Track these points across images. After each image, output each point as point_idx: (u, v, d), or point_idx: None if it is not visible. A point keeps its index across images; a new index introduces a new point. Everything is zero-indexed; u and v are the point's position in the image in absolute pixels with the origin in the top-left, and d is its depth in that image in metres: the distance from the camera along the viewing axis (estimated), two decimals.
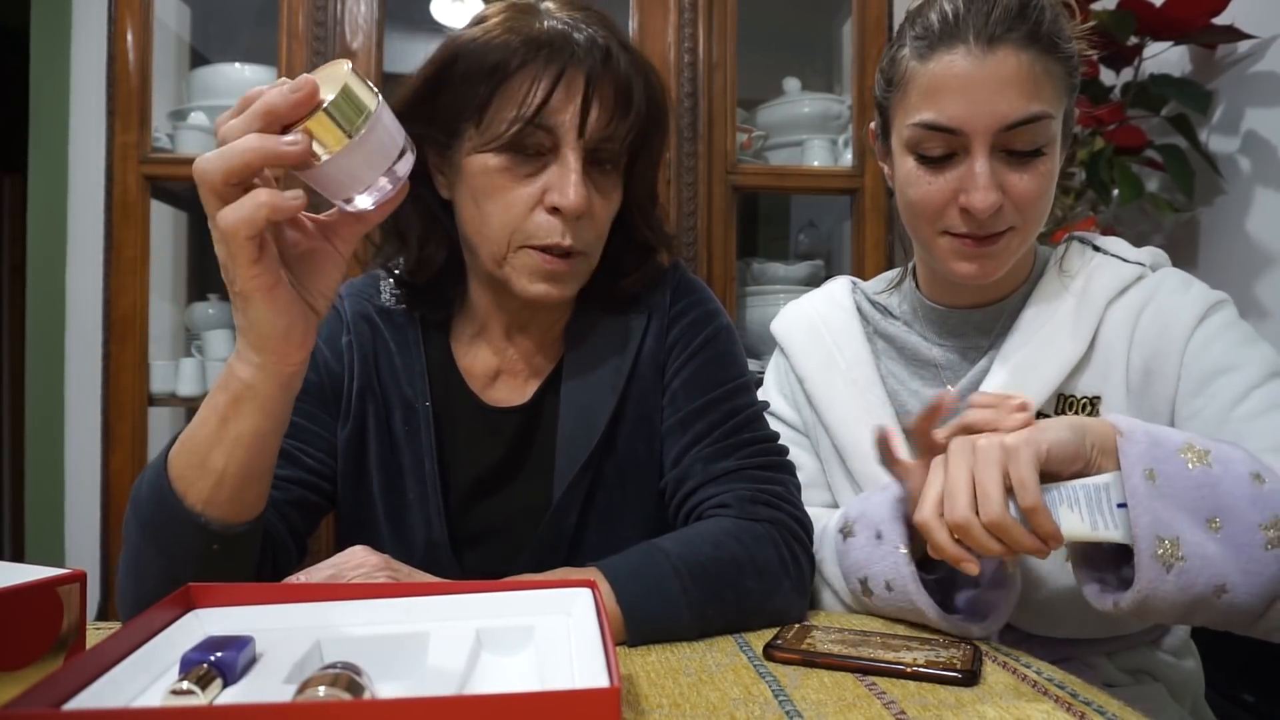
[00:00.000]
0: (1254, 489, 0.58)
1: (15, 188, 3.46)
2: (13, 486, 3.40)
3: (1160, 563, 0.56)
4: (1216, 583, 0.57)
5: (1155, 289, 0.80)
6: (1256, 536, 0.57)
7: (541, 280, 0.74)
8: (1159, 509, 0.57)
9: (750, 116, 1.97)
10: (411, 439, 0.79)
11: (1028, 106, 0.73)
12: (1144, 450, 0.59)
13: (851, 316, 0.93)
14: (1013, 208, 0.76)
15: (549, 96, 0.70)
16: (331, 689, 0.39)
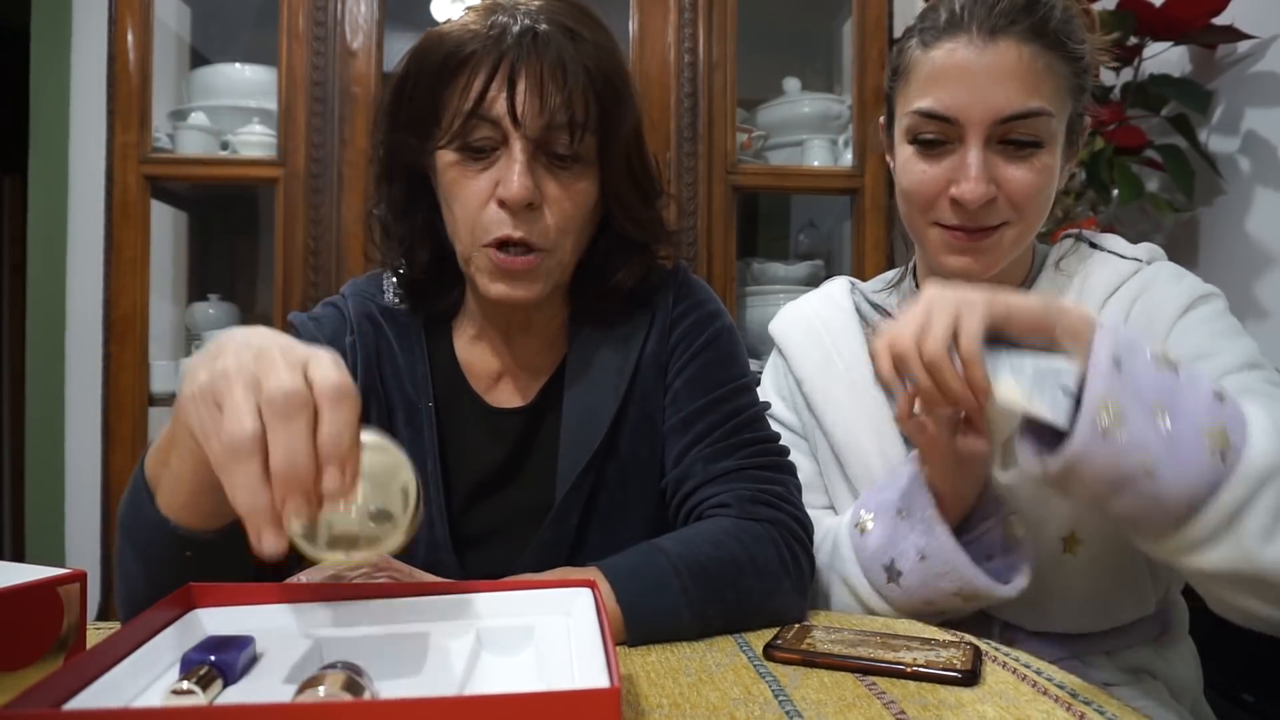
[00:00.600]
0: (1212, 403, 0.59)
1: (15, 188, 3.46)
2: (13, 486, 3.40)
3: (1098, 427, 0.57)
4: (1146, 462, 0.57)
5: (1148, 281, 0.80)
6: (1200, 439, 0.57)
7: (499, 280, 0.73)
8: (1113, 385, 0.57)
9: (750, 116, 1.97)
10: (414, 439, 0.79)
11: (1025, 101, 0.73)
12: (1118, 341, 0.59)
13: (850, 316, 0.93)
14: (1006, 202, 0.76)
15: (485, 89, 0.70)
16: (332, 689, 0.39)
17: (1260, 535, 0.57)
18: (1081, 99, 0.79)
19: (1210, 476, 0.57)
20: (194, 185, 1.96)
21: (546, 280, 0.75)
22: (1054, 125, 0.75)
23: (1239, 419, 0.59)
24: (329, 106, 1.74)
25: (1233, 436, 0.58)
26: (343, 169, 1.74)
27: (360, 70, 1.74)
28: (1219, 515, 0.57)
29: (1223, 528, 0.58)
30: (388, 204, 0.81)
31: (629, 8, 1.79)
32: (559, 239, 0.74)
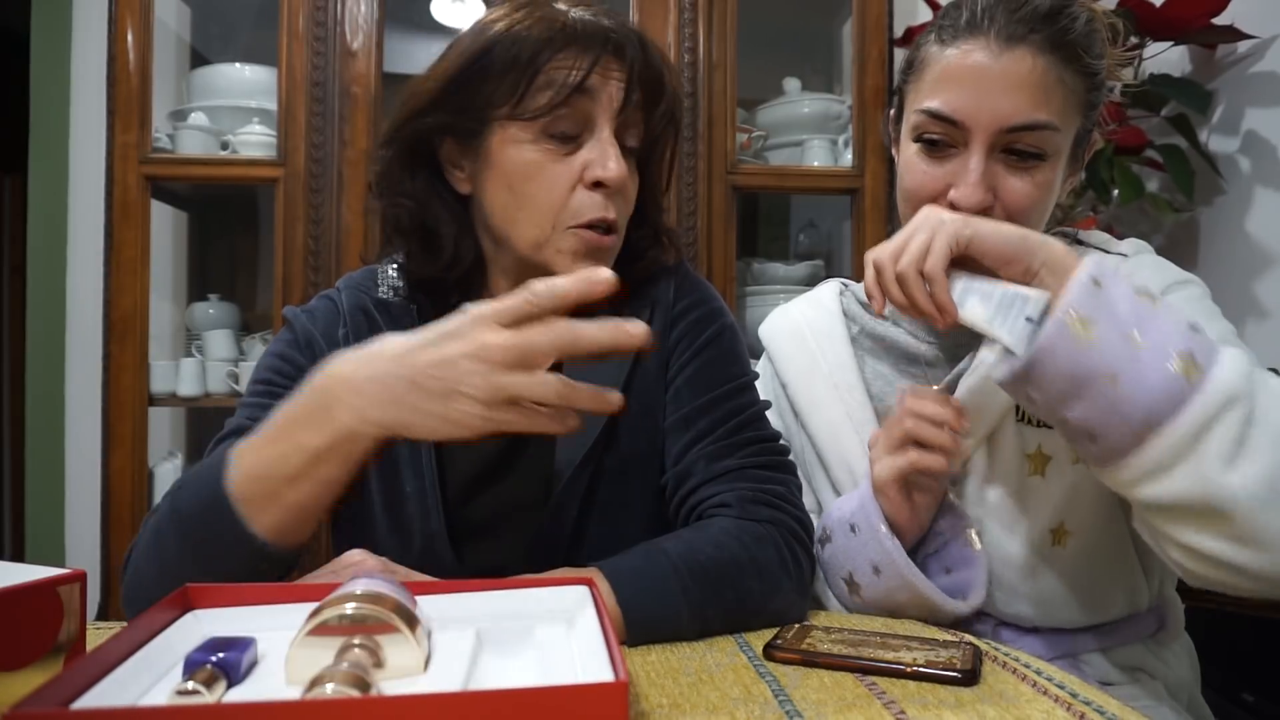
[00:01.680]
0: (1186, 330, 0.60)
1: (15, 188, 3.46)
2: (13, 486, 3.40)
3: (1066, 329, 0.59)
4: (1110, 370, 0.58)
5: (1132, 271, 0.81)
6: (1166, 357, 0.58)
7: (585, 258, 0.75)
8: (1088, 298, 0.59)
9: (750, 116, 1.97)
10: None
11: (1033, 112, 0.73)
12: (1099, 269, 0.61)
13: (836, 320, 0.93)
14: (1003, 212, 0.75)
15: (587, 76, 0.72)
16: (340, 686, 0.39)
17: (1220, 460, 0.57)
18: (1092, 115, 0.79)
19: (1174, 393, 0.57)
20: (194, 185, 1.96)
21: (612, 260, 0.79)
22: (1059, 140, 0.75)
23: (1210, 347, 0.60)
24: (329, 106, 1.74)
25: (1201, 360, 0.58)
26: (343, 169, 1.74)
27: (360, 70, 1.74)
28: (1179, 435, 0.57)
29: (1182, 449, 0.58)
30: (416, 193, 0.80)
31: (629, 8, 1.79)
32: (625, 223, 0.79)
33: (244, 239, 2.21)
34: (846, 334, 0.92)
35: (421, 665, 0.46)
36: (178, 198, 2.07)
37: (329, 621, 0.44)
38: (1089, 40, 0.75)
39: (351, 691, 0.39)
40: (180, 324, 2.04)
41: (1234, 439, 0.57)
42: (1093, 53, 0.75)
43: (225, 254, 2.24)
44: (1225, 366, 0.58)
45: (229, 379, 1.82)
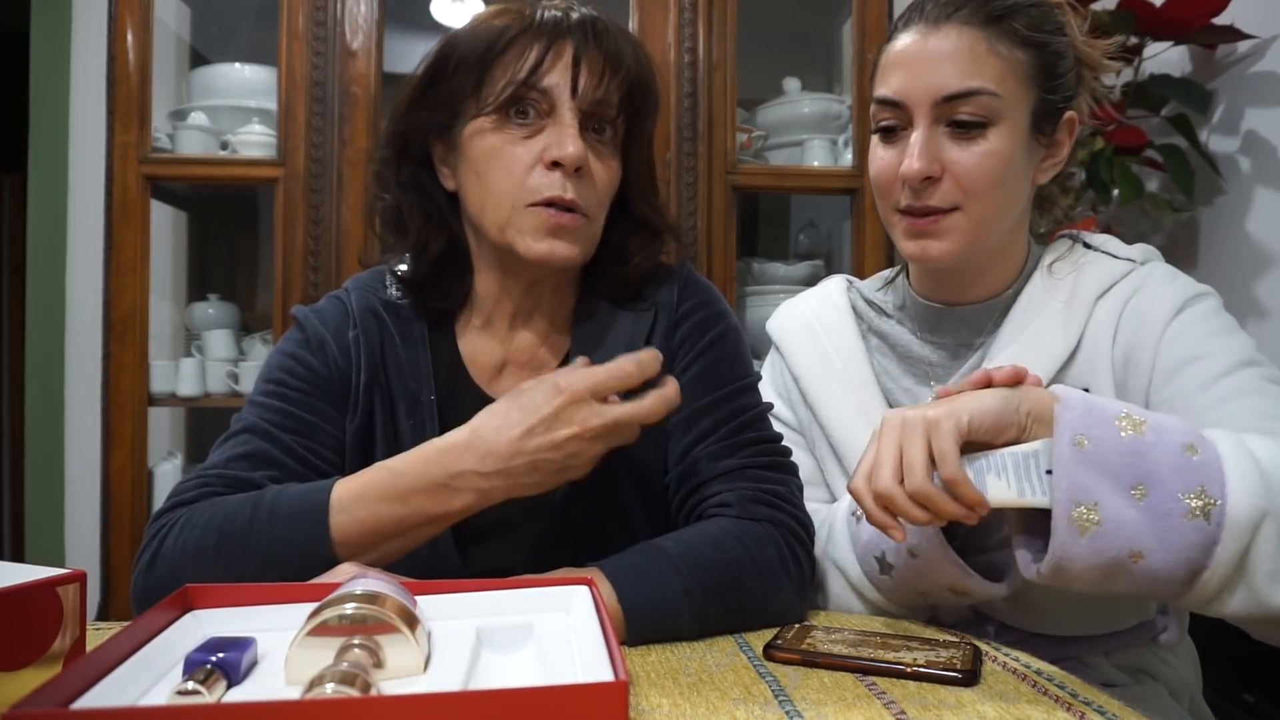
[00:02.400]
0: (1184, 458, 0.57)
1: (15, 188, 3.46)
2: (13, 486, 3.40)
3: (1074, 525, 0.57)
4: (1132, 548, 0.56)
5: (1141, 282, 0.80)
6: (1178, 505, 0.56)
7: (546, 236, 0.76)
8: (1080, 475, 0.57)
9: (750, 116, 1.97)
10: (416, 432, 0.79)
11: (964, 80, 0.75)
12: (1077, 417, 0.59)
13: (846, 315, 0.94)
14: (954, 185, 0.77)
15: (540, 61, 0.74)
16: (340, 686, 0.39)
17: (1268, 578, 0.57)
18: (1056, 87, 0.79)
19: (1200, 540, 0.56)
20: (194, 185, 1.96)
21: (585, 245, 0.78)
22: (1001, 106, 0.76)
23: (1215, 468, 0.57)
24: (329, 106, 1.74)
25: (1212, 490, 0.57)
26: (342, 169, 1.74)
27: (360, 70, 1.74)
28: (1220, 575, 0.57)
29: (1228, 582, 0.57)
30: (398, 189, 0.83)
31: (629, 8, 1.79)
32: (597, 210, 0.79)
33: (244, 239, 2.21)
34: (857, 329, 0.93)
35: (421, 665, 0.46)
36: (177, 198, 2.07)
37: (329, 622, 0.44)
38: (1023, 14, 0.77)
39: (351, 691, 0.39)
40: (180, 324, 2.04)
41: (1273, 556, 0.57)
42: (1033, 26, 0.77)
43: (225, 254, 2.24)
44: (1237, 490, 0.56)
45: (229, 379, 1.82)
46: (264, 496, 0.69)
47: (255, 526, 0.67)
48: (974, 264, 0.84)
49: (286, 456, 0.75)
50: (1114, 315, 0.79)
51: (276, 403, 0.77)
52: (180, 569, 0.66)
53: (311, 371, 0.79)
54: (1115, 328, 0.79)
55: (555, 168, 0.75)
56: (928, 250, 0.80)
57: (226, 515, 0.68)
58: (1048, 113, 0.80)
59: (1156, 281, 0.80)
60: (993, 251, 0.84)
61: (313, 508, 0.67)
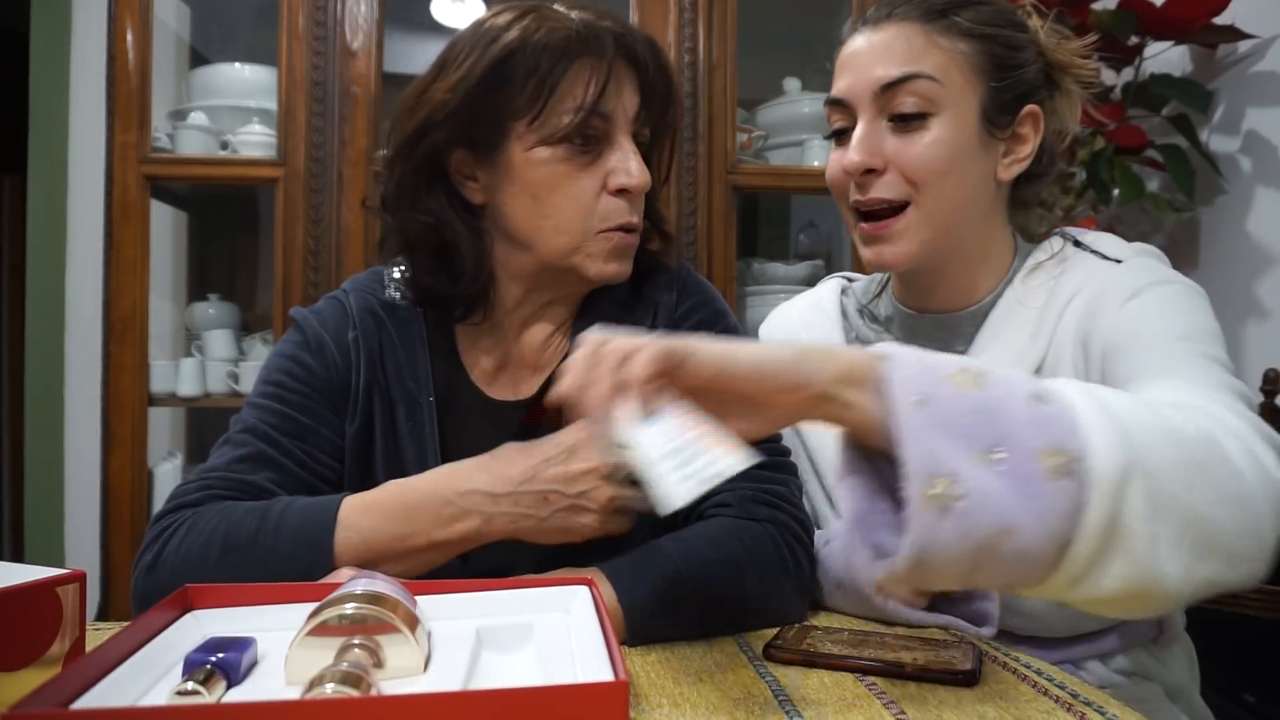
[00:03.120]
0: (1035, 410, 0.48)
1: (15, 188, 3.46)
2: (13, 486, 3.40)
3: (935, 504, 0.46)
4: (1000, 523, 0.46)
5: (1114, 279, 0.76)
6: (1039, 464, 0.46)
7: (615, 259, 0.78)
8: (932, 441, 0.47)
9: (750, 116, 1.97)
10: (415, 434, 0.79)
11: (901, 67, 0.76)
12: (915, 373, 0.49)
13: (834, 324, 0.92)
14: (900, 178, 0.77)
15: (604, 86, 0.74)
16: (340, 686, 0.39)
17: (1149, 541, 0.47)
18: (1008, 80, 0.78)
19: (1067, 505, 0.46)
20: (194, 185, 1.96)
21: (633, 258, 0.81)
22: (942, 94, 0.76)
23: (1068, 419, 0.48)
24: (329, 106, 1.74)
25: (1069, 444, 0.47)
26: (343, 169, 1.74)
27: (360, 70, 1.74)
28: (1092, 546, 0.47)
29: (1100, 553, 0.47)
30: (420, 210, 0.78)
31: (629, 8, 1.79)
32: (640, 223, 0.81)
33: (244, 239, 2.21)
34: (843, 338, 0.92)
35: (421, 665, 0.46)
36: (177, 198, 2.07)
37: (329, 622, 0.44)
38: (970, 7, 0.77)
39: (351, 691, 0.39)
40: (180, 324, 2.04)
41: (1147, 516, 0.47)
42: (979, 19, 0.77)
43: (225, 254, 2.24)
44: (1097, 447, 0.47)
45: (229, 379, 1.82)
46: (272, 508, 0.69)
47: (260, 539, 0.67)
48: (945, 269, 0.83)
49: (286, 459, 0.75)
50: (1077, 313, 0.77)
51: (275, 405, 0.77)
52: (183, 574, 0.66)
53: (311, 373, 0.79)
54: (1079, 325, 0.76)
55: (622, 194, 0.76)
56: (883, 255, 0.79)
57: (233, 524, 0.68)
58: (1000, 105, 0.78)
59: (1124, 272, 0.77)
60: (965, 255, 0.82)
61: (319, 522, 0.67)
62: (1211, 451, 0.50)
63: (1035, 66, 0.80)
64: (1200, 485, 0.48)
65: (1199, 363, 0.65)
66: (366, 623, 0.45)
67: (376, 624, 0.45)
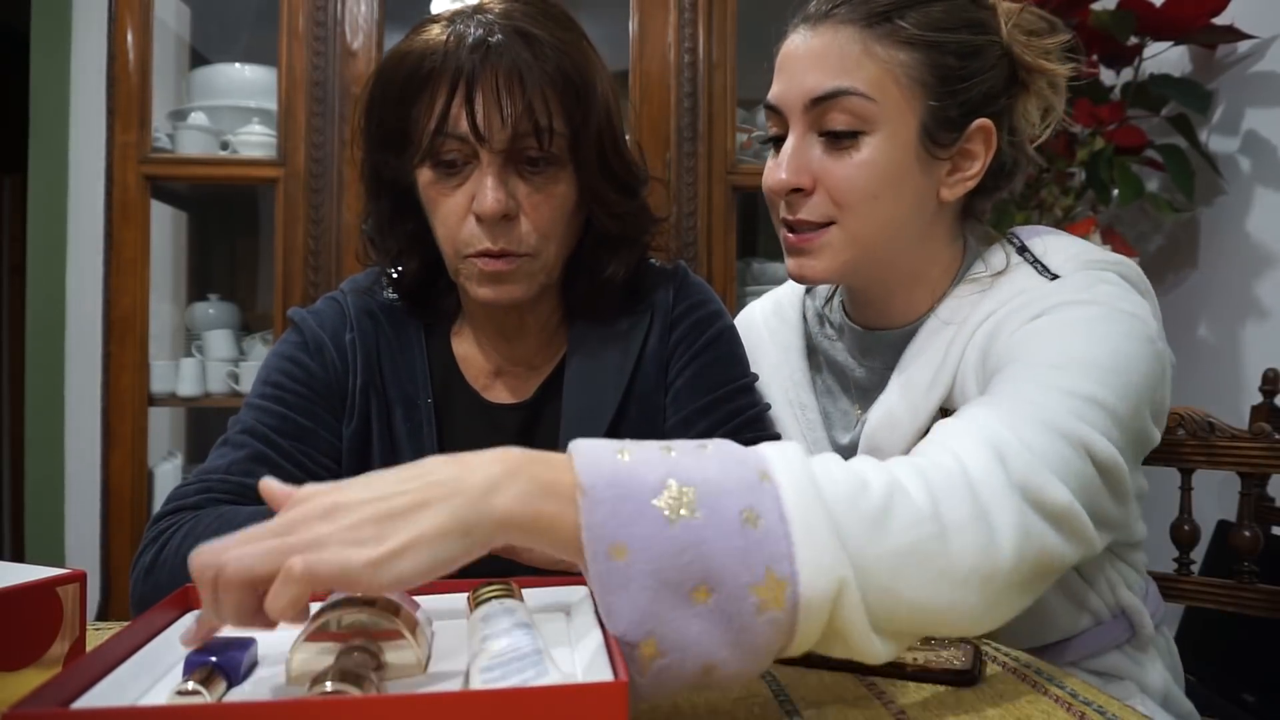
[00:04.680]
0: (744, 536, 0.43)
1: (15, 188, 3.46)
2: (13, 486, 3.40)
3: (635, 665, 0.43)
4: (704, 664, 0.43)
5: (1030, 297, 0.70)
6: (748, 601, 0.43)
7: (486, 284, 0.74)
8: (625, 604, 0.42)
9: (750, 116, 1.97)
10: (413, 436, 0.79)
11: (832, 80, 0.70)
12: (610, 511, 0.42)
13: (794, 331, 0.90)
14: (825, 198, 0.73)
15: (448, 107, 0.70)
16: (340, 685, 0.39)
17: (862, 636, 0.46)
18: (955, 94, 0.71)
19: (776, 633, 0.44)
20: (194, 185, 1.96)
21: (531, 281, 0.76)
22: (874, 111, 0.70)
23: (780, 539, 0.44)
24: (329, 106, 1.74)
25: (780, 570, 0.43)
26: (343, 169, 1.74)
27: (360, 70, 1.74)
28: (808, 644, 0.46)
29: (819, 645, 0.47)
30: (375, 218, 0.82)
31: (629, 8, 1.79)
32: (540, 244, 0.74)
33: (244, 239, 2.22)
34: (803, 347, 0.89)
35: (422, 667, 0.46)
36: (178, 198, 2.07)
37: (329, 624, 0.44)
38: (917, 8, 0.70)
39: (352, 691, 0.39)
40: (180, 324, 2.04)
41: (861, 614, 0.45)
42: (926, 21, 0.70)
43: (225, 254, 2.24)
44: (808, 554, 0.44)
45: (229, 379, 1.82)
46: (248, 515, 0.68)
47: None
48: (879, 286, 0.79)
49: (284, 460, 0.75)
50: (987, 332, 0.71)
51: (274, 406, 0.77)
52: (182, 577, 0.66)
53: (310, 375, 0.79)
54: (982, 343, 0.71)
55: (480, 220, 0.72)
56: (803, 269, 0.75)
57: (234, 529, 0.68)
58: (944, 121, 0.72)
59: (1045, 289, 0.70)
60: (899, 274, 0.78)
61: None
62: (924, 532, 0.47)
63: (996, 71, 0.73)
64: (910, 573, 0.47)
65: (1040, 394, 0.59)
66: (366, 625, 0.45)
67: (376, 626, 0.45)
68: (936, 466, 0.51)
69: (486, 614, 0.47)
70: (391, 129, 0.75)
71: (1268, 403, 1.05)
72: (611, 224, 0.79)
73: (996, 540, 0.49)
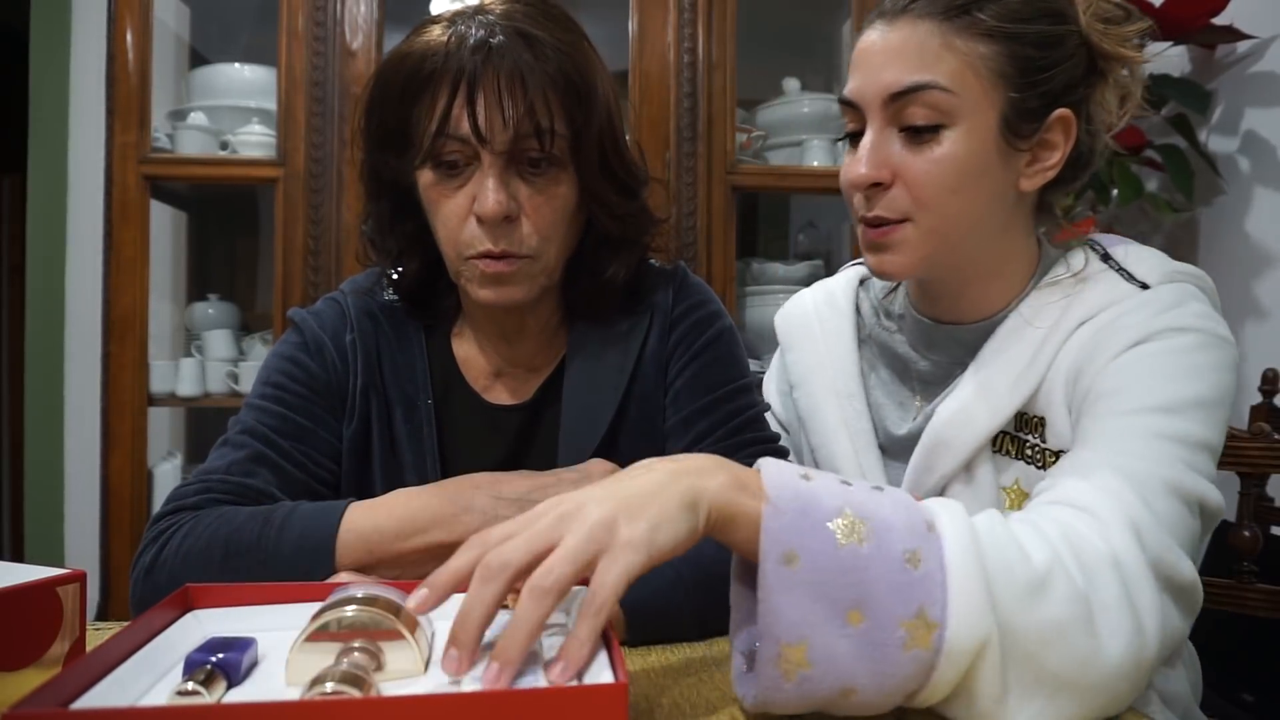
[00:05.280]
0: (904, 574, 0.47)
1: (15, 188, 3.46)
2: (13, 486, 3.40)
3: (779, 670, 0.46)
4: (843, 685, 0.47)
5: (1134, 308, 0.70)
6: (895, 634, 0.47)
7: (488, 285, 0.74)
8: (789, 607, 0.46)
9: (750, 116, 1.97)
10: (413, 436, 0.79)
11: (912, 75, 0.70)
12: (789, 523, 0.47)
13: (846, 320, 0.90)
14: (904, 193, 0.72)
15: (449, 108, 0.70)
16: (340, 685, 0.39)
17: (993, 702, 0.48)
18: (1036, 85, 0.71)
19: (916, 670, 0.47)
20: (194, 185, 1.96)
21: (532, 283, 0.76)
22: (957, 104, 0.70)
23: (936, 585, 0.47)
24: (329, 106, 1.74)
25: (932, 613, 0.47)
26: (343, 169, 1.74)
27: (360, 70, 1.74)
28: (938, 695, 0.48)
29: (947, 700, 0.49)
30: (375, 219, 0.82)
31: (629, 8, 1.79)
32: (542, 245, 0.74)
33: (244, 239, 2.22)
34: (855, 336, 0.88)
35: (422, 668, 0.46)
36: (177, 198, 2.07)
37: (329, 625, 0.44)
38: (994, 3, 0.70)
39: (352, 691, 0.39)
40: (180, 324, 2.04)
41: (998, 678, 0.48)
42: (1006, 12, 0.70)
43: (225, 254, 2.24)
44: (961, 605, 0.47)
45: (229, 379, 1.82)
46: (275, 513, 0.68)
47: (263, 543, 0.66)
48: (956, 280, 0.78)
49: (285, 461, 0.75)
50: (1085, 341, 0.71)
51: (275, 407, 0.77)
52: (182, 577, 0.66)
53: (310, 376, 0.79)
54: (1075, 357, 0.71)
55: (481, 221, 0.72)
56: (883, 264, 0.75)
57: (234, 529, 0.68)
58: (1024, 113, 0.72)
59: (1139, 308, 0.70)
60: (977, 268, 0.77)
61: (323, 527, 0.67)
62: (1078, 611, 0.50)
63: (1075, 61, 0.73)
64: (1058, 646, 0.49)
65: (1158, 448, 0.61)
66: (367, 626, 0.45)
67: (376, 627, 0.45)
68: (1087, 546, 0.53)
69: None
70: (392, 130, 0.75)
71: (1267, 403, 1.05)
72: (612, 225, 0.79)
73: (1143, 625, 0.52)
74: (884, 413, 0.85)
